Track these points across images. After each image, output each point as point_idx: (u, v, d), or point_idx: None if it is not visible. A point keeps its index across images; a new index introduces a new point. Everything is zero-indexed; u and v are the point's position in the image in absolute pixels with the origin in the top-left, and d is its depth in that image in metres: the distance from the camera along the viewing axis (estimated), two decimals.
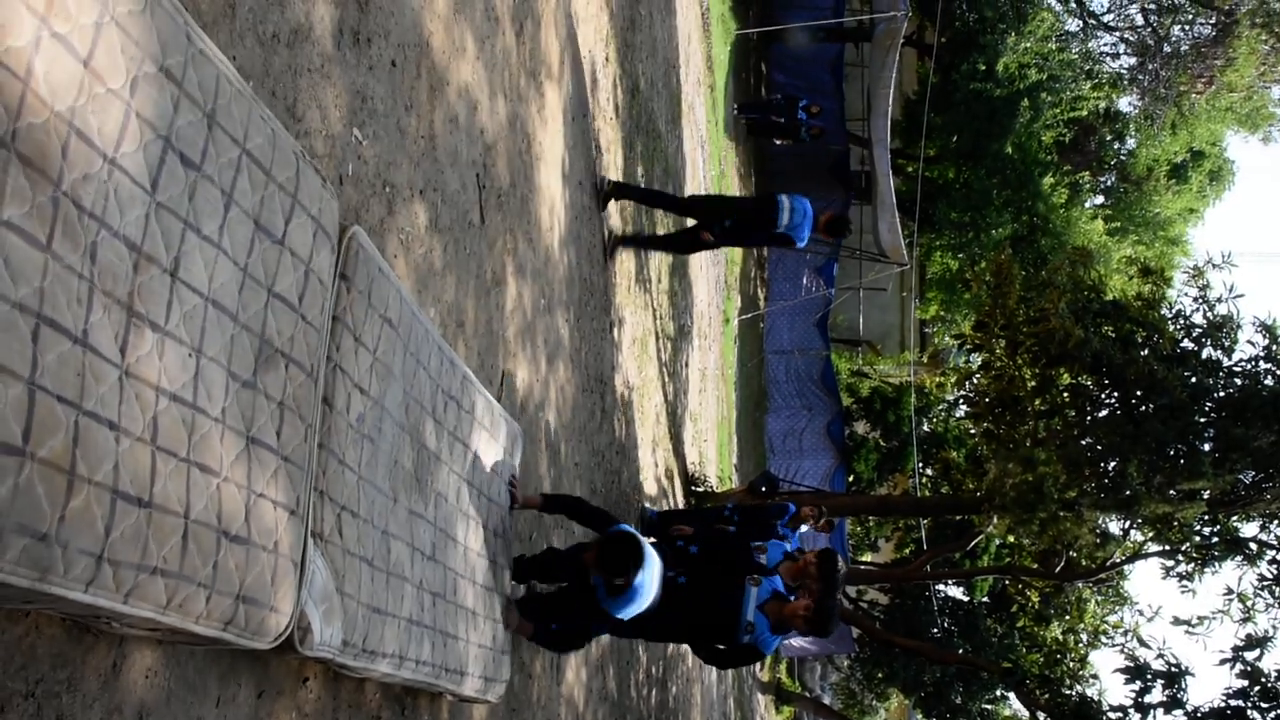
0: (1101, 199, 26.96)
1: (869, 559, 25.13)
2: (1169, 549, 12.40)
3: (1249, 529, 12.14)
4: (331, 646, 3.17)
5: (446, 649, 4.18)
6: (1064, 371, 11.79)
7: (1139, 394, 11.04)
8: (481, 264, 5.43)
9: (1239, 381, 11.05)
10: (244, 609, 2.65)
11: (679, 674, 11.48)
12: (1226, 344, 11.26)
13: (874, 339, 28.72)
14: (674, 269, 12.71)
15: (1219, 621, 11.84)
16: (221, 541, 2.55)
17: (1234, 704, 10.62)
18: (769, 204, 9.23)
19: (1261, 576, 11.80)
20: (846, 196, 23.81)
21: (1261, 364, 11.03)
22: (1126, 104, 26.88)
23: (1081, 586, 14.91)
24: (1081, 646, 15.61)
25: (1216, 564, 12.06)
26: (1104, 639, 15.15)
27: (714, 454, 16.16)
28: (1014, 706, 16.88)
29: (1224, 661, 10.91)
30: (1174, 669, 11.24)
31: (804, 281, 22.18)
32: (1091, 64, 26.21)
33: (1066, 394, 12.09)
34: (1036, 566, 15.04)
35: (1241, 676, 10.71)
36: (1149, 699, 11.17)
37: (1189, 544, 12.06)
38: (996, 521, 12.10)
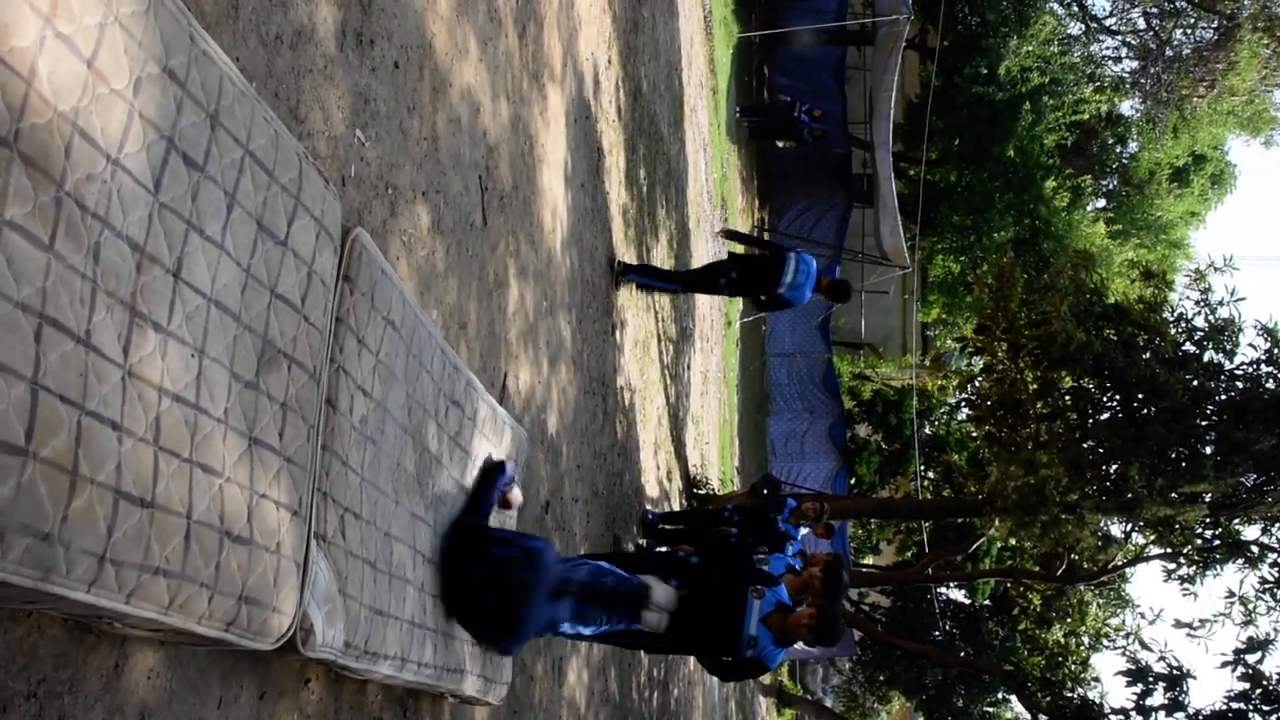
0: (1103, 202, 26.96)
1: (871, 562, 25.13)
2: (1170, 552, 12.41)
3: (1250, 532, 12.17)
4: (334, 648, 3.17)
5: (448, 651, 4.18)
6: (1066, 374, 11.78)
7: (1140, 397, 11.04)
8: (484, 266, 5.43)
9: (1240, 385, 11.05)
10: (246, 610, 2.65)
11: (680, 677, 11.48)
12: (1228, 347, 11.26)
13: (876, 342, 28.74)
14: None
15: (1220, 624, 11.86)
16: (224, 542, 2.55)
17: (1235, 707, 10.62)
18: (777, 259, 9.46)
19: (1263, 579, 11.81)
20: (848, 199, 23.84)
21: (1263, 367, 11.03)
22: (1128, 107, 26.90)
23: (1083, 589, 14.92)
24: (1083, 649, 15.62)
25: (1218, 567, 12.07)
26: (1105, 642, 15.16)
27: (716, 456, 16.17)
28: (1016, 709, 16.89)
29: (1225, 664, 10.92)
30: (1175, 672, 11.24)
31: None
32: (1093, 67, 26.22)
33: (1068, 397, 12.08)
34: (1038, 569, 15.03)
35: (1243, 679, 10.71)
36: (1150, 702, 11.17)
37: (1190, 547, 12.07)
38: (998, 524, 12.09)
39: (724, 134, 18.72)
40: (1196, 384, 10.87)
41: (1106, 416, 11.73)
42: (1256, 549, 11.89)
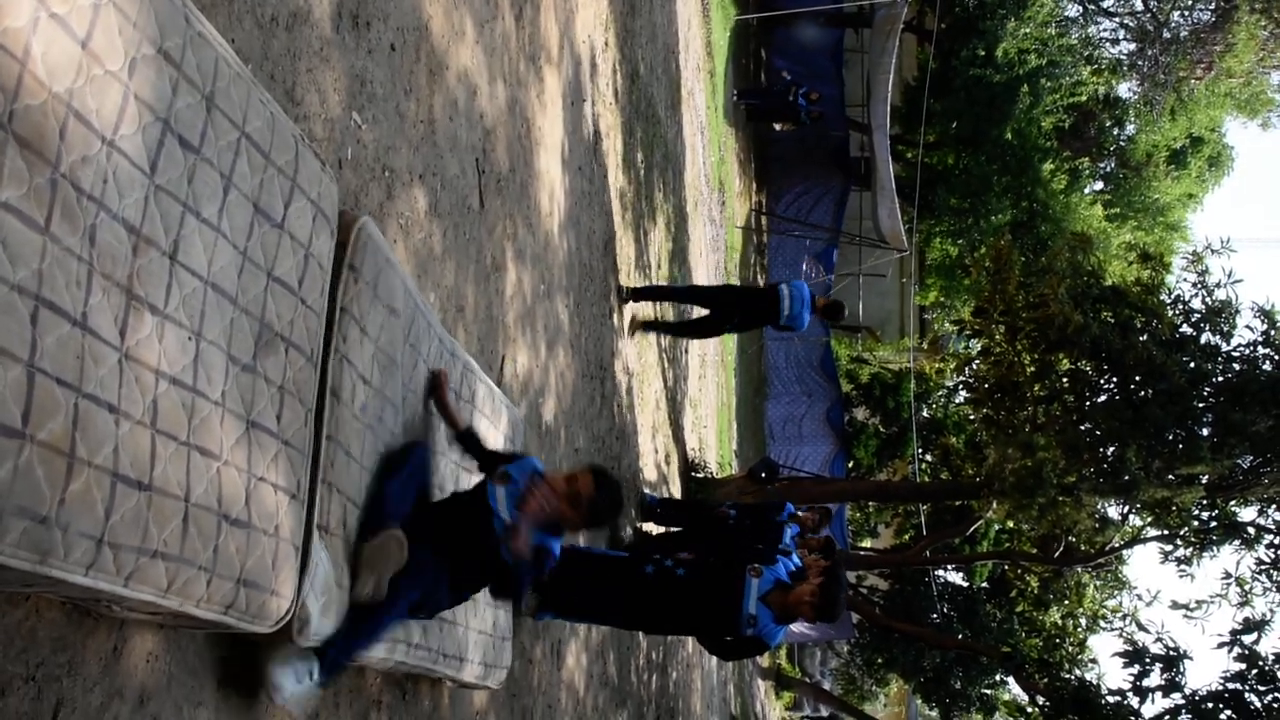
0: (1101, 185, 26.91)
1: (868, 544, 25.15)
2: (1167, 533, 12.43)
3: (1247, 513, 12.19)
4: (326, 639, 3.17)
5: (446, 634, 4.19)
6: (1063, 357, 11.79)
7: (1138, 379, 11.04)
8: (481, 249, 5.42)
9: (1237, 366, 11.06)
10: (245, 592, 2.65)
11: (679, 659, 11.51)
12: (1225, 329, 11.26)
13: (874, 325, 28.71)
14: (674, 256, 12.69)
15: (1217, 605, 11.88)
16: (222, 525, 2.55)
17: (1232, 687, 10.65)
18: (771, 296, 9.98)
19: (1259, 560, 11.83)
20: (846, 182, 23.80)
21: (1260, 349, 11.03)
22: (1126, 89, 26.83)
23: (1080, 571, 14.95)
24: (1080, 631, 15.66)
25: (1215, 548, 12.09)
26: (1103, 623, 15.20)
27: (714, 440, 16.17)
28: (1013, 691, 16.91)
29: (1222, 645, 10.93)
30: (1172, 653, 11.26)
31: (804, 268, 22.19)
32: (1091, 49, 26.15)
33: (1066, 379, 12.09)
34: (1035, 551, 15.06)
35: (1239, 660, 10.73)
36: (1147, 682, 11.19)
37: (1187, 528, 12.09)
38: (996, 507, 12.12)
39: (721, 117, 18.68)
40: (1194, 366, 10.87)
41: (1104, 399, 11.74)
42: (1253, 530, 11.91)
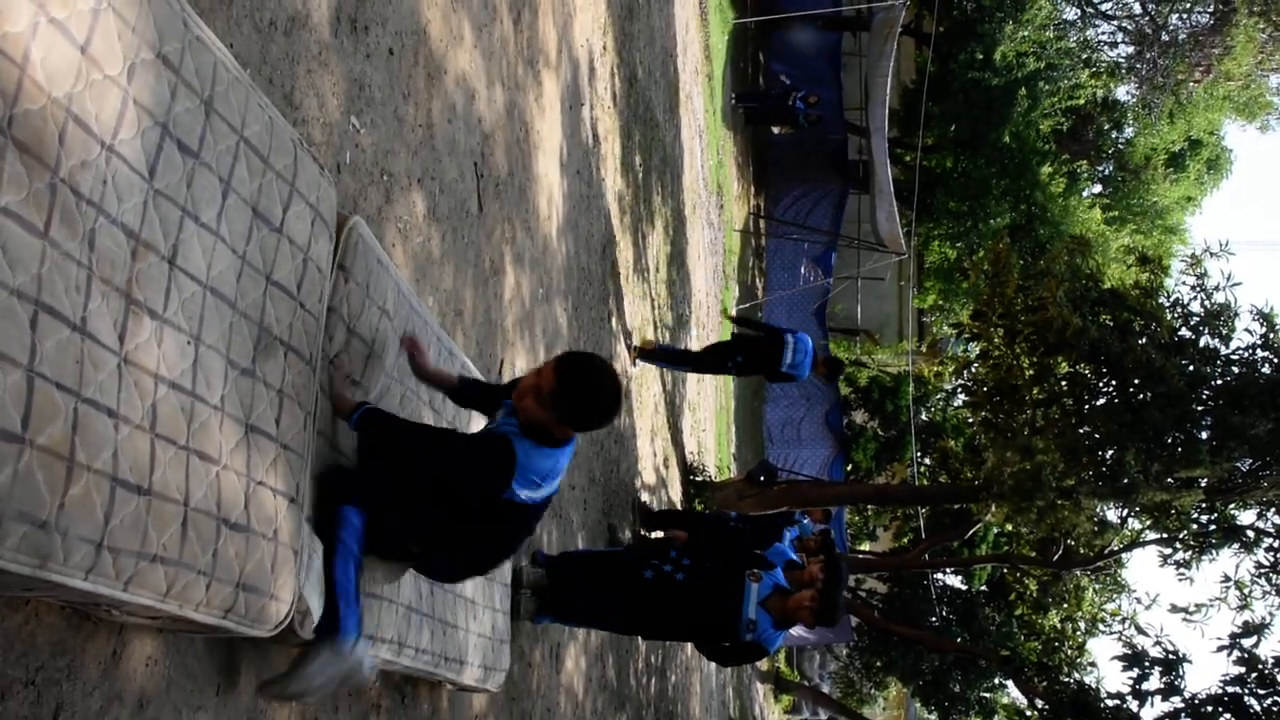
0: (1099, 188, 26.94)
1: (867, 548, 25.15)
2: (1167, 537, 12.42)
3: (1246, 517, 12.18)
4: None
5: (445, 637, 4.18)
6: (1062, 360, 11.78)
7: (1137, 382, 11.04)
8: (479, 253, 5.43)
9: (1236, 370, 11.05)
10: (244, 597, 2.65)
11: (678, 663, 11.50)
12: (1224, 332, 11.26)
13: (872, 328, 28.71)
14: (672, 259, 12.70)
15: (1216, 609, 11.88)
16: (221, 529, 2.55)
17: (1231, 691, 10.63)
18: (776, 341, 10.27)
19: (1259, 564, 11.82)
20: (844, 186, 23.81)
21: (1259, 352, 11.03)
22: (1124, 93, 26.87)
23: (1079, 574, 14.94)
24: (1079, 634, 15.64)
25: (1214, 552, 12.08)
26: (1102, 627, 15.18)
27: (712, 443, 16.17)
28: (1012, 694, 16.90)
29: (1221, 649, 10.93)
30: (1171, 656, 11.25)
31: (802, 271, 22.20)
32: (1089, 53, 26.19)
33: (1064, 382, 12.09)
34: (1034, 555, 15.06)
35: (1239, 663, 10.71)
36: (1146, 686, 11.17)
37: (1186, 532, 12.08)
38: (994, 510, 12.11)
39: (719, 120, 18.68)
40: (1192, 369, 10.87)
41: (1103, 402, 11.73)
42: (1252, 534, 11.91)
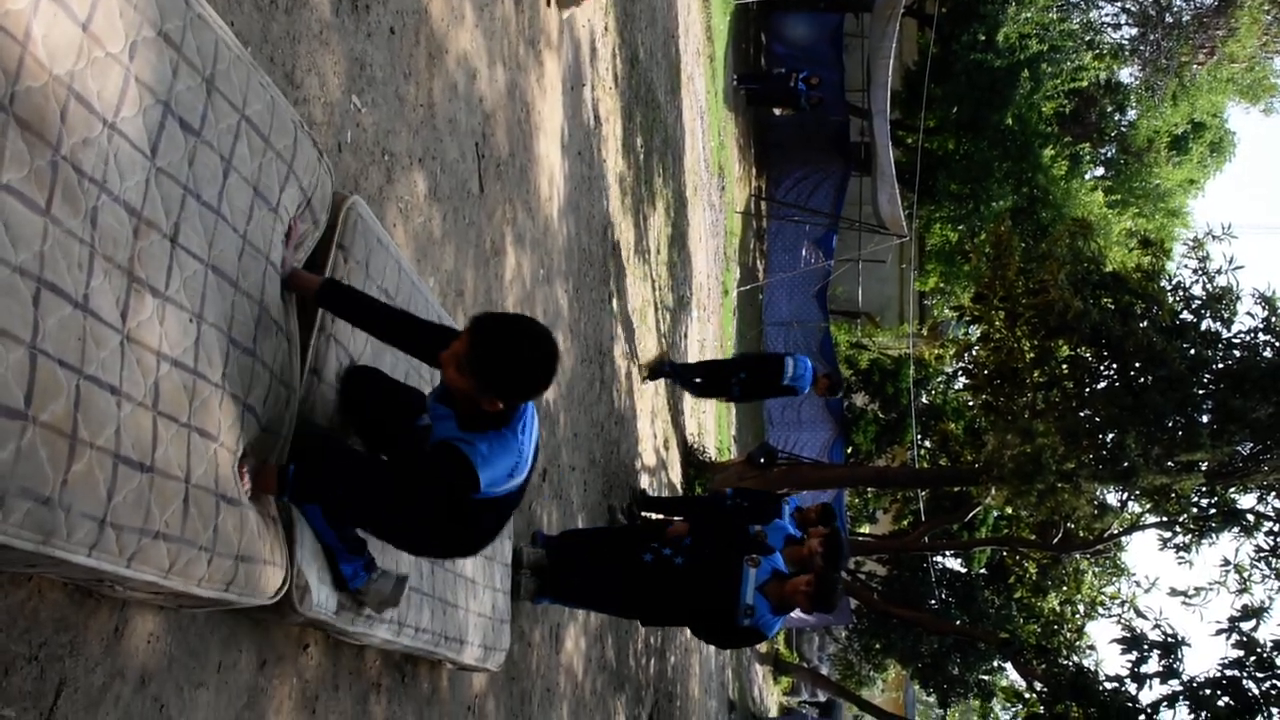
0: (1102, 170, 26.85)
1: (867, 530, 25.18)
2: (1166, 520, 12.43)
3: (1246, 500, 12.17)
4: (328, 609, 3.19)
5: (446, 617, 4.20)
6: (1063, 343, 11.77)
7: (1138, 366, 11.03)
8: (480, 233, 5.42)
9: (1238, 353, 11.04)
10: (243, 568, 2.67)
11: (677, 644, 11.54)
12: (1226, 316, 11.24)
13: (873, 311, 28.66)
14: (673, 241, 12.69)
15: (1215, 592, 11.89)
16: (220, 504, 2.57)
17: (1230, 674, 10.65)
18: (775, 363, 10.90)
19: (1258, 548, 11.83)
20: (846, 168, 23.75)
21: (1260, 335, 11.01)
22: (1127, 75, 26.73)
23: (1079, 558, 14.96)
24: (1078, 617, 15.67)
25: (1214, 535, 12.08)
26: (1101, 610, 15.20)
27: (713, 425, 16.19)
28: (1011, 677, 16.95)
29: (1220, 632, 10.94)
30: (1170, 639, 11.26)
31: (803, 253, 22.16)
32: (1092, 34, 26.04)
33: (1065, 366, 12.07)
34: (1034, 538, 15.07)
35: (1237, 647, 10.72)
36: (1145, 669, 11.18)
37: (1186, 515, 12.09)
38: (994, 493, 12.11)
39: (721, 102, 18.63)
40: (1194, 352, 10.86)
41: (1103, 385, 11.72)
42: (1252, 517, 11.91)
